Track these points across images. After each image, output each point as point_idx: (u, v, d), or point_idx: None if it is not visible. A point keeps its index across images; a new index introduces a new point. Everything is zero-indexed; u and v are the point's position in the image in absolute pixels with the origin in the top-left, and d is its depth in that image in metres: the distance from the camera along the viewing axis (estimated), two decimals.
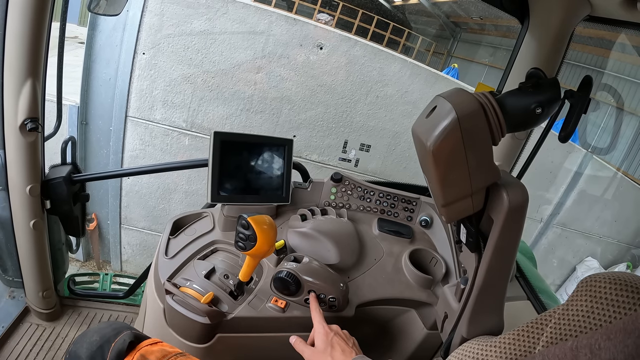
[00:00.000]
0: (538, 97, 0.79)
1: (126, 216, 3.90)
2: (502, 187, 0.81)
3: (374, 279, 1.35)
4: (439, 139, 0.75)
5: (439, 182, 0.81)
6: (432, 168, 0.80)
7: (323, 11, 13.37)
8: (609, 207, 4.75)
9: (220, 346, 1.14)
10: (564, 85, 0.83)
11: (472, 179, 0.79)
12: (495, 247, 0.85)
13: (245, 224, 1.02)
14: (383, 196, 1.58)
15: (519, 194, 0.80)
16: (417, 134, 0.83)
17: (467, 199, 0.82)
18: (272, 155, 1.39)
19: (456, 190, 0.81)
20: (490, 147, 0.78)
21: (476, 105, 0.75)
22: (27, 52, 1.22)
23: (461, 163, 0.77)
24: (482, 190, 0.82)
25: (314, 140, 3.69)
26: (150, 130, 3.52)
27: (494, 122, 0.76)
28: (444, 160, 0.77)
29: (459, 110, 0.74)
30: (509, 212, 0.80)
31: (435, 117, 0.78)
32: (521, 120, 0.80)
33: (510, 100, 0.80)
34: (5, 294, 1.80)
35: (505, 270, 0.90)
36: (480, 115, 0.75)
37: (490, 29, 14.25)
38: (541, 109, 0.78)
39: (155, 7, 3.20)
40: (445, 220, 0.91)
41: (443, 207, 0.84)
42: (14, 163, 1.37)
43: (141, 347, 0.89)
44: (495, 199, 0.83)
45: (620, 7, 1.14)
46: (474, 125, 0.75)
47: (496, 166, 0.81)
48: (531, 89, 0.80)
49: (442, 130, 0.75)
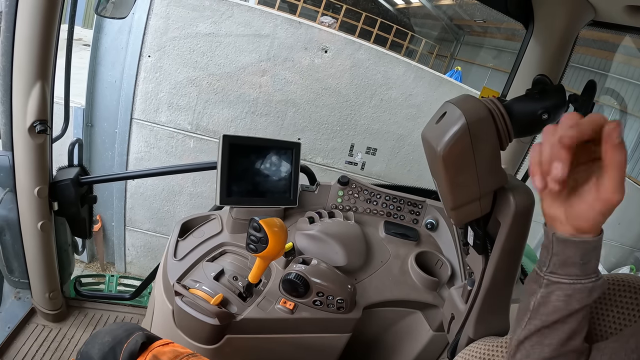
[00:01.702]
0: (544, 103, 0.80)
1: (131, 218, 3.91)
2: (509, 190, 0.82)
3: (380, 281, 1.36)
4: (449, 144, 0.76)
5: (448, 185, 0.82)
6: (442, 172, 0.81)
7: (326, 14, 13.39)
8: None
9: (229, 347, 1.14)
10: (568, 89, 0.84)
11: (481, 182, 0.80)
12: (502, 249, 0.86)
13: (257, 227, 1.03)
14: (389, 199, 1.59)
15: (526, 198, 0.81)
16: (428, 139, 0.84)
17: (475, 202, 0.83)
18: (280, 158, 1.40)
19: (465, 193, 0.82)
20: (498, 151, 0.79)
21: (485, 112, 0.76)
22: (36, 54, 1.22)
23: (470, 167, 0.78)
24: (490, 193, 0.83)
25: (318, 143, 3.70)
26: (155, 132, 3.53)
27: (502, 128, 0.77)
28: (454, 165, 0.78)
29: (468, 116, 0.75)
30: (516, 215, 0.81)
31: (445, 123, 0.79)
32: (528, 125, 0.81)
33: (518, 106, 0.81)
34: (12, 295, 1.80)
35: (511, 272, 0.91)
36: (489, 121, 0.76)
37: (493, 32, 14.25)
38: (547, 115, 0.79)
39: (160, 10, 3.21)
40: (454, 223, 0.92)
41: (452, 210, 0.85)
42: (23, 165, 1.38)
43: (153, 347, 0.89)
44: (502, 202, 0.84)
45: (624, 12, 1.15)
46: (482, 130, 0.76)
47: (503, 170, 0.82)
48: (537, 95, 0.82)
49: (452, 136, 0.76)
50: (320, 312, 1.19)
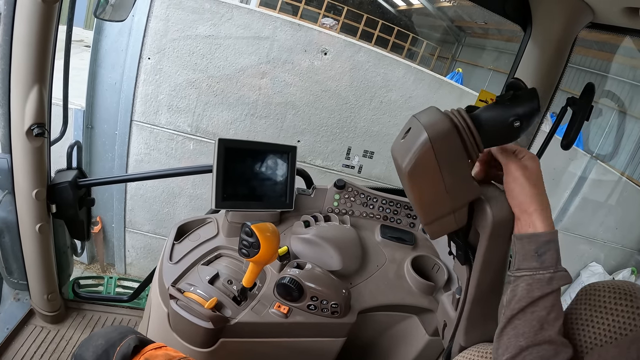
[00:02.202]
0: (516, 110, 0.75)
1: (131, 219, 3.91)
2: (485, 202, 0.81)
3: (376, 285, 1.36)
4: (412, 161, 0.75)
5: (417, 202, 0.82)
6: (409, 189, 0.81)
7: (328, 15, 13.39)
8: (613, 212, 4.72)
9: (223, 351, 1.15)
10: (569, 91, 0.82)
11: (451, 197, 0.79)
12: (483, 260, 0.85)
13: (249, 232, 1.03)
14: (386, 203, 1.59)
15: (504, 208, 0.80)
16: (395, 156, 0.83)
17: (449, 216, 0.82)
18: (276, 161, 1.41)
19: (436, 208, 0.81)
20: (466, 164, 0.78)
21: (448, 125, 0.74)
22: (34, 58, 1.23)
23: (437, 183, 0.77)
24: (464, 206, 0.82)
25: (318, 146, 3.70)
26: (155, 134, 3.53)
27: (468, 140, 0.75)
28: (420, 181, 0.78)
29: (431, 131, 0.74)
30: (494, 227, 0.80)
31: (409, 139, 0.78)
32: (500, 134, 0.78)
33: (487, 115, 0.78)
34: (10, 296, 1.81)
35: (495, 282, 0.90)
36: (453, 135, 0.75)
37: (494, 34, 14.24)
38: (520, 123, 0.75)
39: (160, 13, 3.22)
40: (430, 237, 0.91)
41: (426, 225, 0.84)
42: (21, 168, 1.39)
43: (145, 351, 0.90)
44: (479, 213, 0.83)
45: (622, 14, 1.15)
46: (446, 144, 0.75)
47: (475, 183, 0.81)
48: (509, 101, 0.77)
49: (415, 152, 0.75)
50: (314, 316, 1.20)
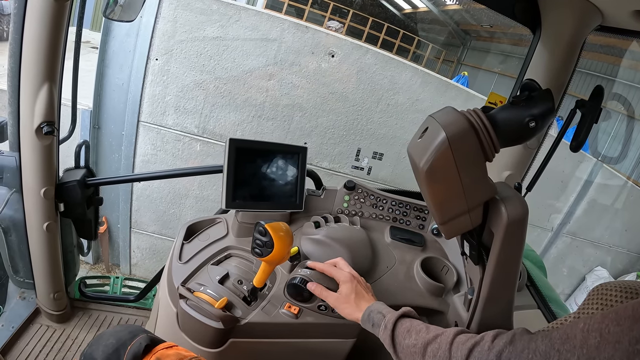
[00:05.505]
0: (531, 110, 0.77)
1: (136, 220, 3.92)
2: (500, 201, 0.81)
3: (386, 286, 1.35)
4: (430, 160, 0.76)
5: (433, 201, 0.82)
6: (425, 188, 0.81)
7: (333, 18, 13.42)
8: (619, 216, 4.70)
9: (232, 351, 1.14)
10: (575, 95, 0.82)
11: (467, 196, 0.79)
12: (497, 260, 0.85)
13: (263, 231, 1.02)
14: (395, 204, 1.58)
15: (519, 208, 0.80)
16: (411, 155, 0.84)
17: (464, 215, 0.82)
18: (286, 162, 1.40)
19: (452, 208, 0.81)
20: (483, 164, 0.78)
21: (465, 125, 0.75)
22: (44, 56, 1.23)
23: (454, 182, 0.78)
24: (480, 205, 0.82)
25: (325, 148, 3.69)
26: (162, 135, 3.54)
27: (485, 140, 0.76)
28: (437, 181, 0.78)
29: (449, 130, 0.74)
30: (509, 226, 0.80)
31: (426, 138, 0.79)
32: (516, 135, 0.79)
33: (503, 115, 0.79)
34: (16, 295, 1.81)
35: (509, 282, 0.90)
36: (471, 134, 0.75)
37: (500, 37, 14.23)
38: (535, 123, 0.77)
39: (168, 14, 3.23)
40: (445, 237, 0.91)
41: (441, 224, 0.85)
42: (29, 166, 1.39)
43: (157, 350, 0.89)
44: (494, 213, 0.83)
45: (631, 17, 1.14)
46: (464, 144, 0.75)
47: (492, 182, 0.81)
48: (524, 102, 0.79)
49: (433, 152, 0.76)
50: (325, 317, 1.19)
